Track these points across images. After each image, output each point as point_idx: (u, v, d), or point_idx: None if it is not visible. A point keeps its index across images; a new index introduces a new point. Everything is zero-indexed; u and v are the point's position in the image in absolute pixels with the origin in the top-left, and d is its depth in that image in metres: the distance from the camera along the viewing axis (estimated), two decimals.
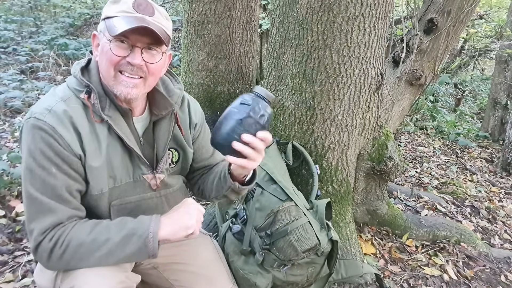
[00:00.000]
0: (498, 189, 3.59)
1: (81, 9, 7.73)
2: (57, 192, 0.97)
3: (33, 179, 0.96)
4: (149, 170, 1.13)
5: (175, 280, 1.29)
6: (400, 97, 3.05)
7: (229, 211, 1.62)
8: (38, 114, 0.96)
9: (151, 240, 0.98)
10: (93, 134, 1.01)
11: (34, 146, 0.95)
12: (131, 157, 1.09)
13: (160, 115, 1.13)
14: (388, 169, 2.02)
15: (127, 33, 0.95)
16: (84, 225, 0.99)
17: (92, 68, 1.06)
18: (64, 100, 1.00)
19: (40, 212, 0.96)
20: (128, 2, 0.98)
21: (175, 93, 1.17)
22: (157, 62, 1.02)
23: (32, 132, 0.95)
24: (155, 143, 1.15)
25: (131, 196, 1.11)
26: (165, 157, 1.16)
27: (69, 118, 0.97)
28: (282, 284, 1.47)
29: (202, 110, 1.33)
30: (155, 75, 1.05)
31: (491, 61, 8.60)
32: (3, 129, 3.25)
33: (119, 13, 0.98)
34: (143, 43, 0.99)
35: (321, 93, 1.79)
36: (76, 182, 1.00)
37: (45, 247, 0.95)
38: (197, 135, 1.27)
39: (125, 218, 1.03)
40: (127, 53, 0.98)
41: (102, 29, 1.00)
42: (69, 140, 0.96)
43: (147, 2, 1.00)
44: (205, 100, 3.02)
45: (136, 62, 0.98)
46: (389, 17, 1.85)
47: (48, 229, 0.96)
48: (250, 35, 3.04)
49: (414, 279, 1.95)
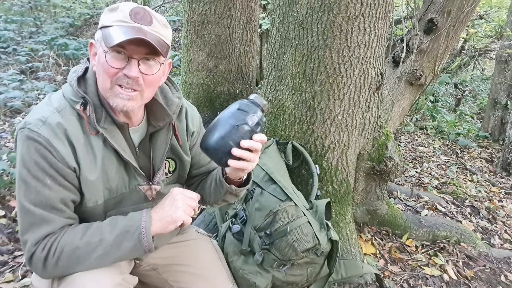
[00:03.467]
0: (498, 189, 3.58)
1: (81, 9, 7.73)
2: (51, 203, 0.96)
3: (27, 190, 0.95)
4: (145, 181, 1.11)
5: (175, 281, 1.29)
6: (400, 97, 3.05)
7: (228, 211, 1.62)
8: (33, 126, 0.94)
9: (145, 235, 0.98)
10: (88, 147, 1.00)
11: (28, 157, 0.94)
12: (127, 168, 1.07)
13: (158, 126, 1.11)
14: (388, 169, 2.02)
15: (123, 44, 0.92)
16: (75, 230, 0.98)
17: (89, 77, 1.04)
18: (59, 111, 0.98)
19: (34, 223, 0.95)
20: (125, 10, 0.95)
21: (173, 102, 1.15)
22: (155, 74, 1.00)
23: (26, 143, 0.94)
24: (152, 154, 1.13)
25: (127, 207, 1.10)
26: (161, 169, 1.14)
27: (63, 131, 0.96)
28: (281, 284, 1.47)
29: (200, 115, 1.31)
30: (152, 87, 1.03)
31: (491, 61, 8.59)
32: (3, 129, 3.25)
33: (116, 23, 0.95)
34: (140, 54, 0.96)
35: (321, 93, 1.79)
36: (70, 193, 0.99)
37: (38, 256, 0.94)
38: (194, 142, 1.26)
39: (115, 218, 1.02)
40: (123, 64, 0.95)
41: (99, 39, 0.98)
42: (63, 153, 0.95)
43: (145, 11, 0.97)
44: (205, 100, 3.02)
45: (132, 74, 0.95)
46: (389, 17, 1.85)
47: (41, 239, 0.95)
48: (250, 35, 3.03)
49: (414, 279, 1.95)
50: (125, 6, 0.96)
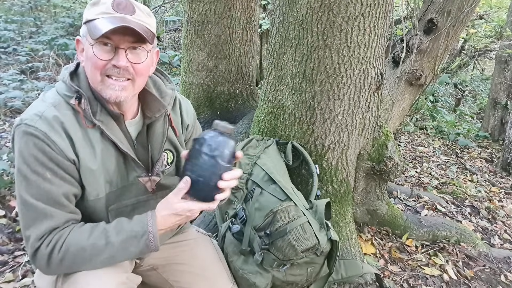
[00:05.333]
0: (498, 189, 3.59)
1: (81, 9, 7.71)
2: (53, 197, 0.95)
3: (28, 186, 0.94)
4: (144, 173, 1.12)
5: (175, 281, 1.29)
6: (400, 97, 3.05)
7: (228, 211, 1.62)
8: (29, 120, 0.94)
9: (152, 240, 0.98)
10: (86, 140, 1.00)
11: (27, 153, 0.93)
12: (126, 161, 1.08)
13: (154, 117, 1.11)
14: (388, 169, 2.02)
15: (109, 35, 0.93)
16: (81, 229, 0.98)
17: (80, 72, 1.04)
18: (55, 106, 0.98)
19: (37, 218, 0.95)
20: (107, 2, 0.96)
21: (167, 94, 1.15)
22: (143, 62, 1.00)
23: (24, 138, 0.94)
24: (150, 146, 1.13)
25: (128, 199, 1.11)
26: (160, 160, 1.15)
27: (60, 124, 0.96)
28: (281, 284, 1.47)
29: (193, 109, 1.31)
30: (143, 75, 1.03)
31: (491, 61, 8.59)
32: (3, 129, 3.25)
33: (99, 15, 0.95)
34: (127, 43, 0.96)
35: (321, 93, 1.79)
36: (72, 186, 0.99)
37: (43, 252, 0.94)
38: (189, 136, 1.26)
39: (121, 220, 1.02)
40: (111, 56, 0.96)
41: (84, 33, 0.98)
42: (62, 146, 0.95)
43: (127, 1, 0.98)
44: (205, 100, 3.02)
45: (121, 64, 0.95)
46: (389, 17, 1.85)
47: (45, 235, 0.95)
48: (250, 35, 3.04)
49: (414, 279, 1.95)
50: None
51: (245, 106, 3.08)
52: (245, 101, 3.11)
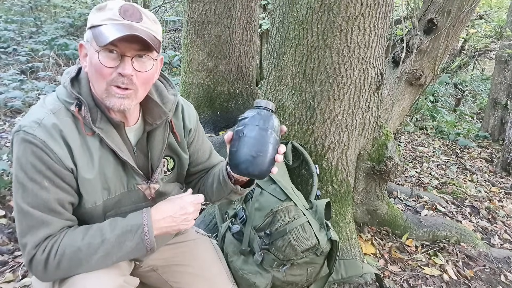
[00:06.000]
0: (498, 189, 3.59)
1: (81, 9, 7.72)
2: (49, 205, 0.95)
3: (24, 193, 0.94)
4: (143, 180, 1.11)
5: (175, 282, 1.29)
6: (400, 97, 3.06)
7: (228, 211, 1.62)
8: (28, 128, 0.93)
9: (147, 233, 0.98)
10: (84, 147, 0.99)
11: (25, 160, 0.93)
12: (125, 168, 1.07)
13: (155, 124, 1.10)
14: (388, 169, 2.02)
15: (115, 42, 0.90)
16: (75, 232, 0.98)
17: (82, 78, 1.02)
18: (54, 113, 0.97)
19: (33, 226, 0.94)
20: (114, 8, 0.94)
21: (169, 100, 1.14)
22: (149, 71, 0.99)
23: (22, 145, 0.93)
24: (150, 153, 1.12)
25: (126, 206, 1.10)
26: (159, 167, 1.14)
27: (59, 132, 0.95)
28: (281, 284, 1.47)
29: (196, 112, 1.30)
30: (147, 84, 1.02)
31: (491, 61, 8.59)
32: (3, 129, 3.25)
33: (105, 21, 0.93)
34: (133, 50, 0.94)
35: (321, 93, 1.79)
36: (68, 195, 0.98)
37: (39, 259, 0.94)
38: (191, 140, 1.25)
39: (115, 219, 1.02)
40: (116, 63, 0.94)
41: (89, 39, 0.96)
42: (60, 154, 0.94)
43: (134, 8, 0.95)
44: (205, 100, 3.03)
45: (127, 72, 0.93)
46: (389, 17, 1.85)
47: (41, 242, 0.94)
48: (250, 35, 3.04)
49: (414, 279, 1.95)
50: (113, 4, 0.95)
51: (245, 106, 3.09)
52: (245, 101, 3.12)
